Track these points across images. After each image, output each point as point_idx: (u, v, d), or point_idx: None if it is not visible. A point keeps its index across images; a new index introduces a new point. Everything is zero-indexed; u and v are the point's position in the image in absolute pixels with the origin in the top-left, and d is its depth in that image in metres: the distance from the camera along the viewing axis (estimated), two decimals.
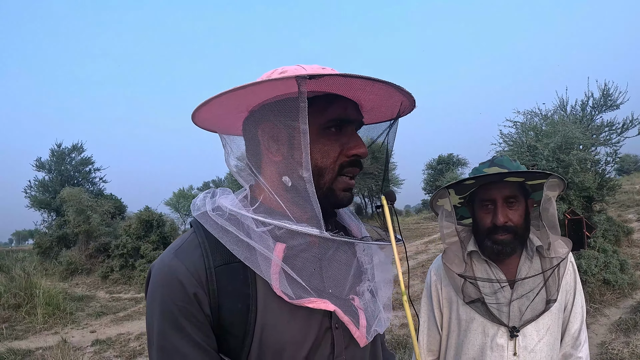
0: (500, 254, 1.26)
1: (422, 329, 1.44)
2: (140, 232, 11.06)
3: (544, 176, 1.25)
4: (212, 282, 0.68)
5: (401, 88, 0.72)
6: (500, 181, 1.25)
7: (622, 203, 10.51)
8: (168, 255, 0.72)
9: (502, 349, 1.25)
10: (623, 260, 5.57)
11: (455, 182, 1.28)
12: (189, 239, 0.74)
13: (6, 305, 6.82)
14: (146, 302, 0.71)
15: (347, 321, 0.74)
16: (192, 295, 0.67)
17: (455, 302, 1.36)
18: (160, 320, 0.68)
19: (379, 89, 0.73)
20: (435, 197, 1.35)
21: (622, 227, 6.88)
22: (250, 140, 0.78)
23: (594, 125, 6.70)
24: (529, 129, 6.90)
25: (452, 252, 1.35)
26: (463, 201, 1.40)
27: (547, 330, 1.26)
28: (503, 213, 1.24)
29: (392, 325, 5.02)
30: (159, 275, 0.70)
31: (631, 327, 4.28)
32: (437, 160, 25.73)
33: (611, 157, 6.53)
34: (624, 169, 30.81)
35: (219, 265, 0.70)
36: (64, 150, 16.46)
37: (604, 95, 6.62)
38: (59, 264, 11.64)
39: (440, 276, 1.40)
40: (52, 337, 6.00)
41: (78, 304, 7.85)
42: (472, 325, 1.30)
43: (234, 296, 0.69)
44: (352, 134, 0.77)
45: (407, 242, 10.96)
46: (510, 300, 1.25)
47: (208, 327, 0.69)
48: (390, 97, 0.78)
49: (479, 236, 1.31)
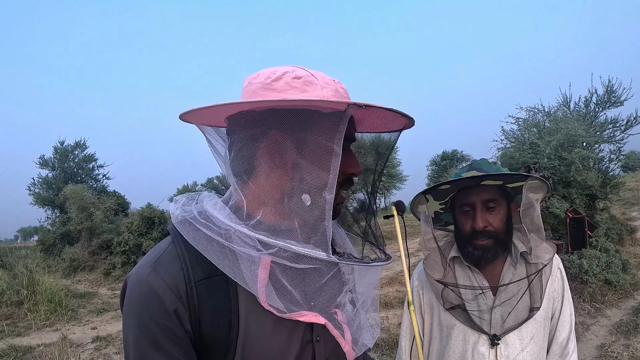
0: (482, 260, 1.23)
1: (404, 334, 1.43)
2: (142, 229, 11.10)
3: (522, 178, 1.21)
4: (192, 297, 0.65)
5: (411, 118, 0.72)
6: (477, 185, 1.22)
7: (626, 200, 10.41)
8: (145, 269, 0.67)
9: (483, 357, 1.22)
10: (625, 260, 5.51)
11: (431, 187, 1.25)
12: (167, 250, 0.70)
13: (8, 303, 6.86)
14: (122, 316, 0.67)
15: (337, 335, 0.72)
16: (171, 311, 0.64)
17: (436, 307, 1.34)
18: (139, 336, 0.65)
19: (392, 116, 0.72)
20: (414, 204, 1.33)
21: (626, 226, 6.81)
22: (246, 143, 0.71)
23: (597, 122, 6.61)
24: (532, 125, 6.82)
25: (431, 258, 1.33)
26: (445, 207, 1.37)
27: (531, 339, 1.22)
28: (482, 217, 1.21)
29: (389, 324, 5.00)
30: (135, 290, 0.66)
31: (632, 329, 4.23)
32: (441, 157, 25.65)
33: (615, 154, 6.45)
34: (629, 165, 30.53)
35: (200, 280, 0.66)
36: (67, 147, 16.56)
37: (608, 91, 6.52)
38: (62, 261, 11.72)
39: (422, 282, 1.39)
40: (54, 333, 6.03)
41: (80, 301, 7.89)
42: (453, 331, 1.27)
43: (215, 311, 0.66)
44: (350, 153, 0.76)
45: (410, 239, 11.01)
46: (492, 307, 1.22)
47: (188, 343, 0.66)
48: (395, 120, 0.76)
49: (460, 242, 1.29)
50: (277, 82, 0.69)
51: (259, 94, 0.69)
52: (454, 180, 1.21)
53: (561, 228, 5.71)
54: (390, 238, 12.45)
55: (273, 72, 0.71)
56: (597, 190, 6.13)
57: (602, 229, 5.84)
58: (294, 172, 0.69)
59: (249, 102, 0.67)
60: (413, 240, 11.15)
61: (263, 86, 0.70)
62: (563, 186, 5.92)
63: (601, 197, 6.43)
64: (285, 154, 0.69)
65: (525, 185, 1.21)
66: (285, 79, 0.69)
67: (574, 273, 5.20)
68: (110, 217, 12.85)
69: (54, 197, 15.32)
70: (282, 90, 0.68)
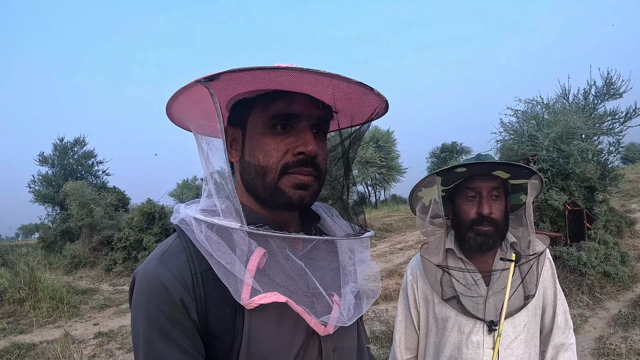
0: (483, 246, 1.26)
1: (398, 328, 1.46)
2: (142, 225, 11.13)
3: (529, 175, 1.27)
4: (198, 288, 0.67)
5: (349, 79, 0.65)
6: (488, 173, 1.26)
7: (626, 192, 10.41)
8: (152, 261, 0.70)
9: (478, 345, 1.25)
10: (624, 253, 5.52)
11: (446, 168, 1.26)
12: (174, 244, 0.72)
13: (11, 300, 6.90)
14: (131, 309, 0.70)
15: (301, 310, 0.70)
16: (178, 301, 0.66)
17: (431, 300, 1.36)
18: (147, 328, 0.66)
19: (344, 86, 0.69)
20: (419, 185, 1.33)
21: (625, 218, 6.81)
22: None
23: (596, 114, 6.59)
24: (531, 117, 6.80)
25: (433, 244, 1.35)
26: (444, 195, 1.38)
27: (524, 327, 1.27)
28: (488, 204, 1.25)
29: (389, 317, 5.03)
30: (144, 281, 0.68)
31: (630, 321, 4.25)
32: (441, 149, 25.63)
33: (614, 146, 6.43)
34: (629, 157, 30.50)
35: (205, 270, 0.68)
36: (66, 144, 16.56)
37: (607, 83, 6.49)
38: (63, 258, 11.76)
39: (416, 275, 1.41)
40: (56, 330, 6.07)
41: (82, 297, 7.95)
42: (447, 323, 1.31)
43: (221, 301, 0.68)
44: (302, 131, 0.71)
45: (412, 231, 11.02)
46: (487, 297, 1.25)
47: (195, 333, 0.67)
48: (362, 97, 0.74)
49: (461, 229, 1.30)
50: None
51: None
52: (472, 163, 1.22)
53: (560, 220, 5.72)
54: (390, 231, 12.37)
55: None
56: (596, 183, 6.12)
57: (600, 221, 5.85)
58: (209, 155, 0.76)
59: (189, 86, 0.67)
60: (413, 232, 11.19)
61: None
62: (562, 178, 5.92)
63: (600, 190, 6.43)
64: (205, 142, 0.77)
65: (529, 180, 1.28)
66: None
67: (573, 265, 5.21)
68: (110, 213, 12.87)
69: (54, 194, 15.35)
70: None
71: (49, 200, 15.46)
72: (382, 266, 7.87)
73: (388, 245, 9.97)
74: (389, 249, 9.56)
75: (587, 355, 3.77)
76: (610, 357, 3.61)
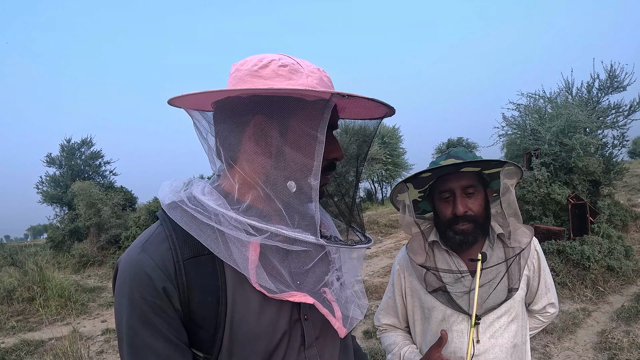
0: (463, 244, 1.27)
1: (381, 305, 1.51)
2: (149, 223, 11.21)
3: (499, 165, 1.26)
4: (181, 276, 0.67)
5: (391, 107, 0.74)
6: (456, 172, 1.26)
7: (632, 187, 10.27)
8: (135, 250, 0.70)
9: (462, 335, 1.27)
10: (628, 247, 5.47)
11: (412, 175, 1.29)
12: (156, 231, 0.72)
13: (20, 299, 7.01)
14: (114, 298, 0.70)
15: (326, 313, 0.74)
16: (161, 289, 0.66)
17: (417, 290, 1.38)
18: (130, 316, 0.66)
19: (374, 105, 0.74)
20: (394, 192, 1.36)
21: (630, 212, 6.73)
22: (232, 129, 0.72)
23: (600, 108, 6.52)
24: (533, 111, 6.75)
25: (415, 243, 1.37)
26: (423, 194, 1.41)
27: (509, 318, 1.28)
28: (462, 203, 1.25)
29: None
30: (126, 270, 0.68)
31: (633, 315, 4.22)
32: (447, 144, 25.45)
33: (618, 140, 6.37)
34: (636, 152, 30.05)
35: (188, 259, 0.69)
36: (73, 145, 16.70)
37: (610, 76, 6.42)
38: (71, 257, 11.91)
39: (403, 266, 1.44)
40: (65, 327, 6.17)
41: (90, 295, 8.04)
42: (433, 313, 1.33)
43: (203, 289, 0.68)
44: (332, 138, 0.78)
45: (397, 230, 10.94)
46: (471, 289, 1.26)
47: (178, 321, 0.68)
48: (377, 108, 0.78)
49: (441, 227, 1.32)
50: (263, 70, 0.71)
51: (246, 81, 0.72)
52: (435, 168, 1.24)
53: (563, 214, 5.68)
54: (396, 227, 12.32)
55: (260, 59, 0.73)
56: (600, 176, 6.07)
57: (604, 215, 5.80)
58: (279, 158, 0.70)
59: (236, 90, 0.69)
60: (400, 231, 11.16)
61: (250, 73, 0.72)
62: (565, 172, 5.88)
63: (605, 183, 6.37)
64: (270, 141, 0.70)
65: (502, 171, 1.25)
66: (272, 67, 0.71)
67: (576, 259, 5.18)
68: (117, 212, 13.00)
69: (62, 194, 15.51)
70: (269, 78, 0.70)
71: (57, 200, 15.64)
72: (387, 262, 7.89)
73: (394, 242, 9.98)
74: (395, 244, 9.58)
75: (589, 349, 3.76)
76: (612, 351, 3.59)
